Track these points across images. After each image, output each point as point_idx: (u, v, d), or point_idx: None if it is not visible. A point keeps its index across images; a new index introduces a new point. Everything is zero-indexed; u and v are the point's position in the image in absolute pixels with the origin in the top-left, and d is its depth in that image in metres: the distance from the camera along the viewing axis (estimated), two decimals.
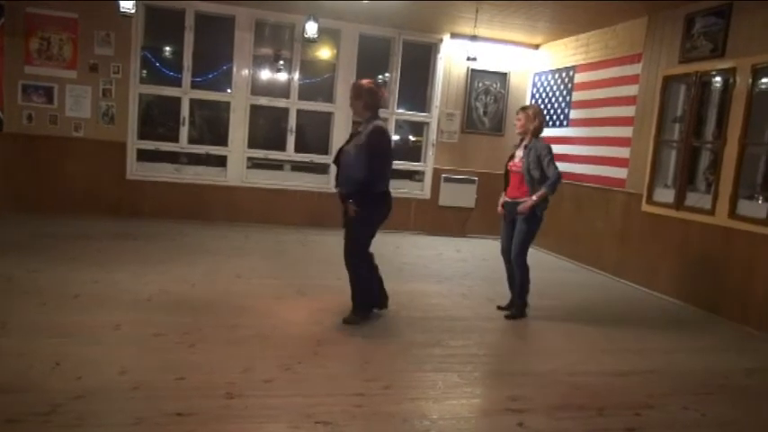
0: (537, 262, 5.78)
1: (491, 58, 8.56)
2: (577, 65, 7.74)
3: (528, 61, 8.78)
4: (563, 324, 4.78)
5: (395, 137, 8.69)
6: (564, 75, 8.03)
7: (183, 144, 8.04)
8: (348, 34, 8.28)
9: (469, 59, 7.78)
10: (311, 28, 7.31)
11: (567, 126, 7.87)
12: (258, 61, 8.34)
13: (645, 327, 4.94)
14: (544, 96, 8.48)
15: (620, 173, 6.76)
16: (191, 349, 3.54)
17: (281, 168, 8.49)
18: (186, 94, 7.94)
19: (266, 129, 8.82)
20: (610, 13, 6.64)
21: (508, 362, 4.01)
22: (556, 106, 8.16)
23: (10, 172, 7.37)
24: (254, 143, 8.28)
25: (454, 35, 8.44)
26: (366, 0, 6.84)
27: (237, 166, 8.19)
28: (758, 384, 3.85)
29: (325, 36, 8.10)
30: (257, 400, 2.94)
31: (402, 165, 8.52)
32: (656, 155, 6.24)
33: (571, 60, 7.89)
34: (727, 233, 5.24)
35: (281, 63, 8.43)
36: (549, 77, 8.39)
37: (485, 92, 8.79)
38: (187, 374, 3.15)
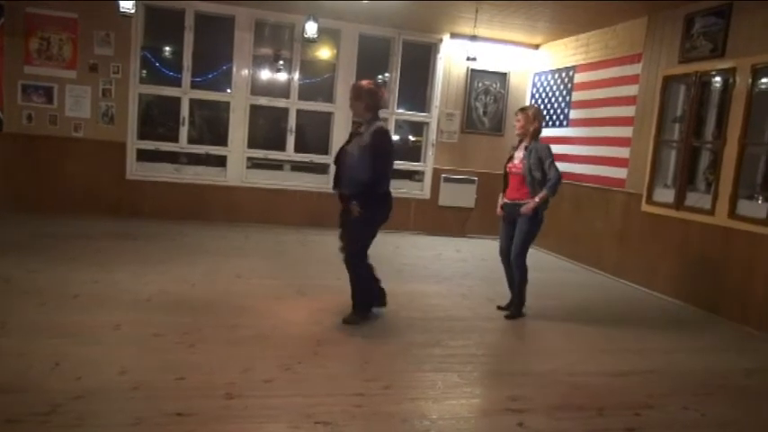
0: (537, 262, 5.78)
1: (491, 58, 8.56)
2: (577, 65, 7.74)
3: (528, 61, 8.78)
4: (563, 324, 4.78)
5: (395, 137, 8.68)
6: (564, 75, 8.03)
7: (183, 144, 8.04)
8: (348, 34, 8.28)
9: (469, 59, 7.78)
10: (311, 28, 7.31)
11: (566, 126, 7.87)
12: (258, 61, 8.34)
13: (645, 327, 4.94)
14: (544, 96, 8.47)
15: (620, 173, 6.76)
16: (190, 349, 3.54)
17: (280, 168, 8.49)
18: (186, 94, 7.94)
19: (266, 129, 8.81)
20: (610, 13, 6.64)
21: (508, 362, 4.01)
22: (556, 106, 8.16)
23: (10, 172, 7.37)
24: (253, 143, 8.28)
25: (454, 35, 8.44)
26: (366, 0, 6.84)
27: (237, 166, 8.19)
28: (758, 384, 3.85)
29: (325, 36, 8.10)
30: (257, 400, 2.94)
31: (402, 165, 8.52)
32: (655, 155, 6.24)
33: (571, 60, 7.89)
34: (727, 233, 5.24)
35: (280, 63, 8.42)
36: (549, 77, 8.39)
37: (484, 92, 8.79)
38: (187, 374, 3.15)
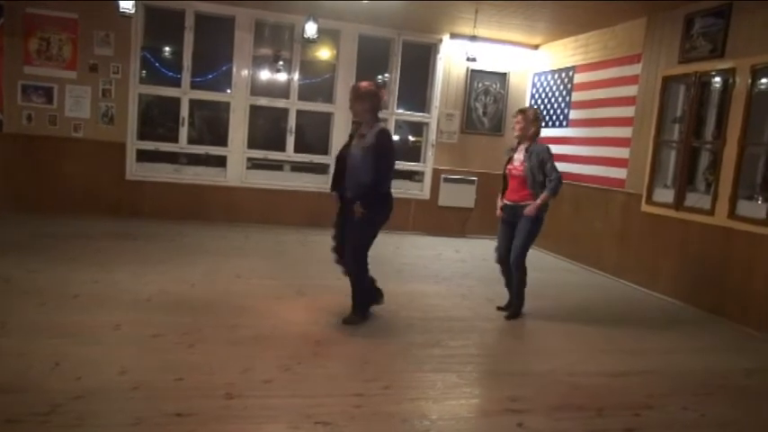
0: (537, 262, 5.78)
1: (490, 58, 8.56)
2: (577, 65, 7.74)
3: (527, 61, 8.79)
4: (562, 324, 4.78)
5: (394, 137, 8.67)
6: (563, 75, 8.04)
7: (183, 144, 8.04)
8: (348, 35, 8.28)
9: (469, 60, 7.79)
10: (311, 28, 7.31)
11: (566, 126, 7.88)
12: (258, 61, 8.34)
13: (644, 327, 4.94)
14: (544, 97, 8.48)
15: (620, 173, 6.76)
16: (190, 349, 3.54)
17: (280, 169, 8.49)
18: (186, 94, 7.94)
19: (266, 129, 8.81)
20: (609, 14, 6.64)
21: (507, 362, 4.00)
22: (555, 106, 8.16)
23: (10, 172, 7.37)
24: (253, 143, 8.28)
25: (454, 35, 8.44)
26: (366, 0, 6.84)
27: (237, 166, 8.19)
28: (758, 384, 3.85)
29: (325, 36, 8.10)
30: (257, 400, 2.94)
31: (402, 165, 8.51)
32: (655, 155, 6.24)
33: (570, 61, 7.90)
34: (727, 233, 5.24)
35: (280, 63, 8.42)
36: (549, 78, 8.39)
37: (484, 92, 8.79)
38: (187, 375, 3.15)
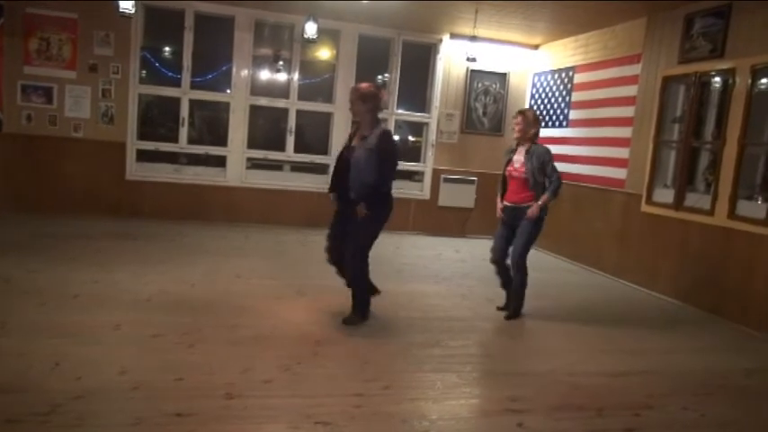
0: (537, 262, 5.78)
1: (490, 58, 8.56)
2: (577, 65, 7.75)
3: (527, 61, 8.78)
4: (562, 324, 4.78)
5: (394, 137, 8.66)
6: (563, 75, 8.04)
7: (183, 144, 8.04)
8: (348, 35, 8.28)
9: (469, 60, 7.78)
10: (311, 28, 7.31)
11: (566, 126, 7.88)
12: (258, 62, 8.34)
13: (644, 327, 4.94)
14: (543, 97, 8.48)
15: (620, 173, 6.76)
16: (190, 349, 3.54)
17: (280, 169, 8.49)
18: (186, 94, 7.94)
19: (266, 129, 8.81)
20: (609, 14, 6.64)
21: (507, 362, 4.00)
22: (555, 107, 8.16)
23: (10, 172, 7.37)
24: (253, 143, 8.28)
25: (454, 35, 8.44)
26: (366, 0, 6.85)
27: (237, 166, 8.19)
28: (758, 384, 3.86)
29: (325, 36, 8.10)
30: (257, 400, 2.94)
31: (402, 165, 8.48)
32: (655, 155, 6.25)
33: (570, 61, 7.90)
34: (727, 233, 5.24)
35: (280, 63, 8.42)
36: (549, 78, 8.39)
37: (484, 92, 8.79)
38: (187, 375, 3.15)
